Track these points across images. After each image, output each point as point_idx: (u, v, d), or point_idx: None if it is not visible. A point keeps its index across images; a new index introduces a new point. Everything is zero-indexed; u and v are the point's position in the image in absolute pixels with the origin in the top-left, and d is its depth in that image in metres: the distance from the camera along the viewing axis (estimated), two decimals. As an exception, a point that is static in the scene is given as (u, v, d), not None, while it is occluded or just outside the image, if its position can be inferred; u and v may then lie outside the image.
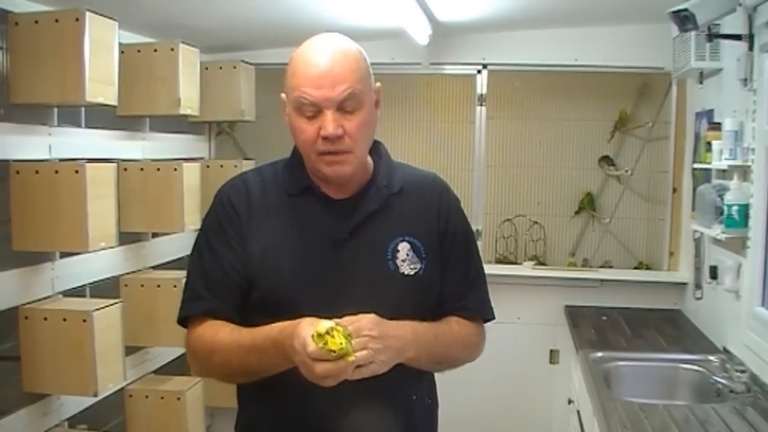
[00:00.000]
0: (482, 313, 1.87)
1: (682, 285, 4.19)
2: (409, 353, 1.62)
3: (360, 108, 1.67)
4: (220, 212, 1.79)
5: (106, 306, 2.95)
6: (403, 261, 1.75)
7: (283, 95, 1.74)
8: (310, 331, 1.46)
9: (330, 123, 1.63)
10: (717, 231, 3.16)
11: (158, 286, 3.52)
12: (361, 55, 1.71)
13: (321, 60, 1.64)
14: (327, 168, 1.69)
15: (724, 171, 3.29)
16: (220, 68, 4.16)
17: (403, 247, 1.76)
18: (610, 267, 4.62)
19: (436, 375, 1.90)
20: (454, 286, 1.82)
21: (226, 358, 1.66)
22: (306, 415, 1.68)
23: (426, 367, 1.78)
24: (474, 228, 2.29)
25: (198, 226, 3.53)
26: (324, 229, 1.74)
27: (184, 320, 1.77)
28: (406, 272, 1.74)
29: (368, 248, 1.74)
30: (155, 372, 3.79)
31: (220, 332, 1.68)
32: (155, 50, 3.51)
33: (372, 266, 1.73)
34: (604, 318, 4.06)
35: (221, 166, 4.17)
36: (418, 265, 1.76)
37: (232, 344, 1.65)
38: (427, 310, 1.76)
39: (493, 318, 1.88)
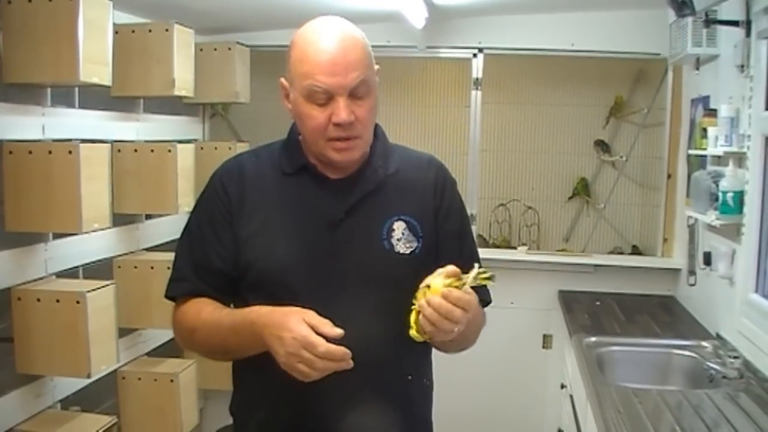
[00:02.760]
0: (480, 293, 1.87)
1: (676, 271, 4.20)
2: None
3: (369, 93, 1.68)
4: (212, 198, 1.81)
5: (100, 287, 2.94)
6: (398, 240, 1.75)
7: (283, 80, 1.73)
8: (302, 329, 1.50)
9: (343, 110, 1.63)
10: (712, 217, 3.16)
11: (152, 267, 3.51)
12: (365, 39, 1.72)
13: (331, 46, 1.64)
14: (336, 154, 1.70)
15: (719, 157, 3.29)
16: (215, 50, 4.13)
17: (399, 226, 1.76)
18: (620, 253, 4.62)
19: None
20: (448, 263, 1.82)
21: (207, 337, 1.72)
22: (301, 395, 1.68)
23: (448, 346, 1.77)
24: (468, 212, 2.28)
25: (192, 208, 3.56)
26: (320, 209, 1.75)
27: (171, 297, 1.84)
28: (401, 251, 1.75)
29: (364, 228, 1.75)
30: (148, 354, 3.79)
31: (203, 311, 1.73)
32: (150, 31, 3.48)
33: (367, 246, 1.74)
34: (598, 303, 4.07)
35: (215, 148, 4.16)
36: (415, 244, 1.76)
37: (213, 324, 1.70)
38: None
39: (490, 301, 1.88)
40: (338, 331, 1.50)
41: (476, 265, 1.59)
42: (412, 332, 1.59)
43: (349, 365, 1.51)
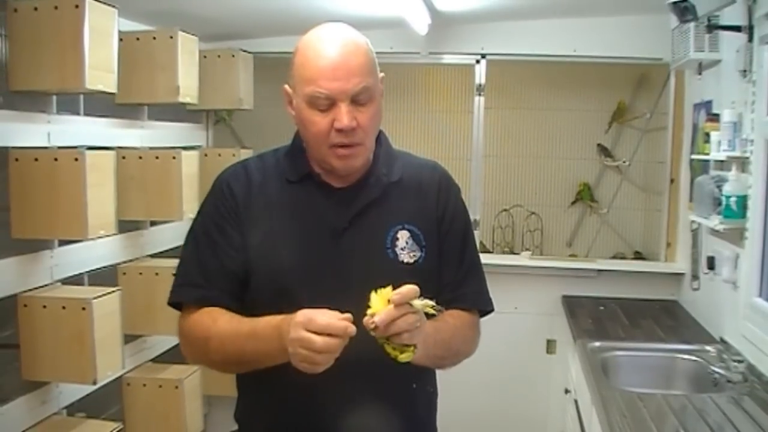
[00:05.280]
0: (479, 303, 1.86)
1: (679, 276, 4.21)
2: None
3: (372, 100, 1.68)
4: (219, 199, 1.78)
5: (105, 294, 2.95)
6: (402, 249, 1.74)
7: (287, 87, 1.72)
8: (311, 314, 1.46)
9: (345, 115, 1.63)
10: (715, 222, 3.17)
11: (156, 274, 3.52)
12: (369, 46, 1.71)
13: (333, 52, 1.63)
14: (338, 162, 1.70)
15: (722, 162, 3.30)
16: (219, 57, 4.15)
17: (403, 235, 1.75)
18: (623, 258, 4.63)
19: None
20: (450, 272, 1.81)
21: (222, 345, 1.65)
22: (306, 402, 1.68)
23: (430, 363, 1.71)
24: (471, 218, 2.28)
25: (196, 213, 3.56)
26: (323, 218, 1.74)
27: (176, 304, 1.80)
28: (405, 260, 1.74)
29: (367, 237, 1.74)
30: (153, 360, 3.79)
31: (219, 320, 1.67)
32: (154, 38, 3.50)
33: (371, 255, 1.73)
34: (602, 308, 4.07)
35: (219, 154, 4.17)
36: (418, 254, 1.75)
37: (231, 332, 1.64)
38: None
39: (493, 310, 1.87)
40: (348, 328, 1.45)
41: (429, 298, 1.52)
42: (394, 354, 1.51)
43: (353, 331, 1.45)
